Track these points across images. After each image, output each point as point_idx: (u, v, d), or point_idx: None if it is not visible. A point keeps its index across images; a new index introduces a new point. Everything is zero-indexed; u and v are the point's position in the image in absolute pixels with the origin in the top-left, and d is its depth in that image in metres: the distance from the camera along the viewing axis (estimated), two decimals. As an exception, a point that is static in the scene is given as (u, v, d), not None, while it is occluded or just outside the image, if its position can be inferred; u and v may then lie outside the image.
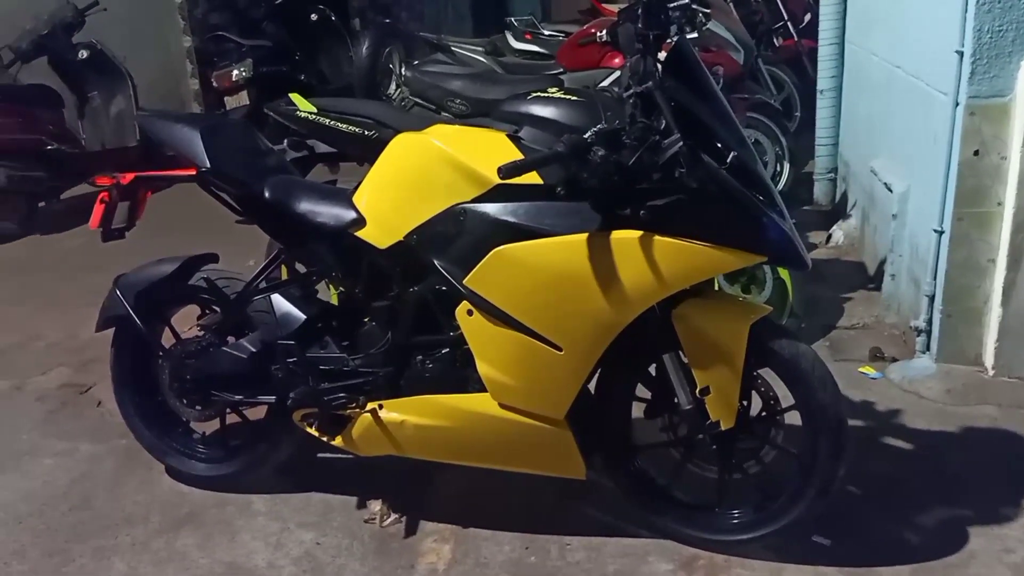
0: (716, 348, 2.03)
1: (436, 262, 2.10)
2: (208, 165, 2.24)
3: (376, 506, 2.43)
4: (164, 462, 2.63)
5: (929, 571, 2.11)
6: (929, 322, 2.93)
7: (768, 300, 3.12)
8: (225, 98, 6.80)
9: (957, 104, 2.68)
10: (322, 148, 3.35)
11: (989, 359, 2.84)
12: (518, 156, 2.02)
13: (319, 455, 2.65)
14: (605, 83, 4.29)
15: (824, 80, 4.50)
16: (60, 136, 5.52)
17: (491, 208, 2.04)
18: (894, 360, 3.05)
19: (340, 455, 2.43)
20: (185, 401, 2.48)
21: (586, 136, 1.91)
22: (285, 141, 3.30)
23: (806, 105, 5.47)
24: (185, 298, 2.52)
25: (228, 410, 2.52)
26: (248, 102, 6.68)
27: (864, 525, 2.26)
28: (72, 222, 5.19)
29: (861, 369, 3.02)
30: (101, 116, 5.82)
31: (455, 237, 2.07)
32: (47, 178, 5.38)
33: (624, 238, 1.93)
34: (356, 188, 2.27)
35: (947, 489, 2.39)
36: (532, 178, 1.96)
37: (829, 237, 4.11)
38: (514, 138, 2.11)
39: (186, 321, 2.55)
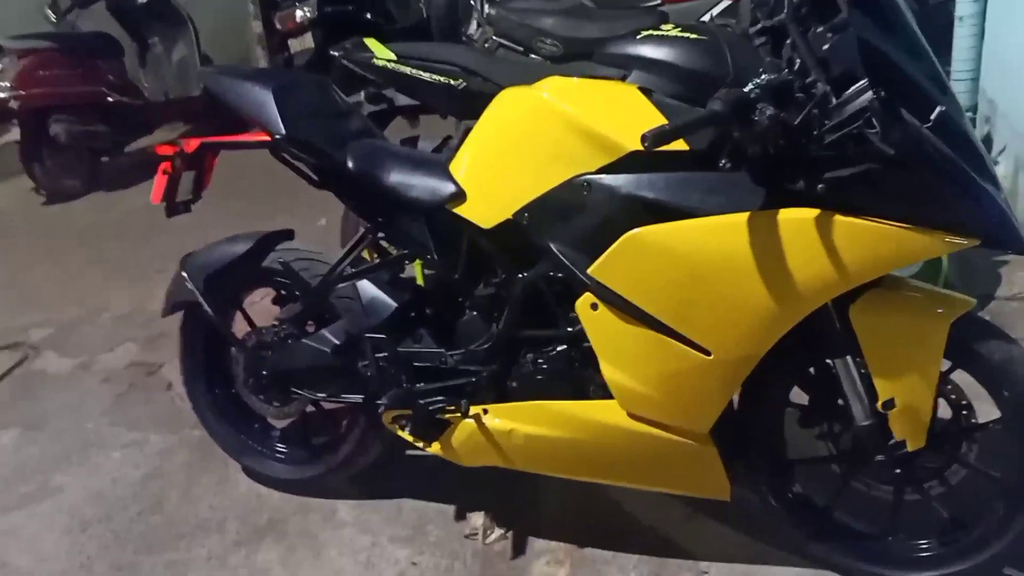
0: (907, 353, 1.64)
1: (553, 246, 1.74)
2: (283, 131, 1.90)
3: (478, 519, 2.13)
4: (240, 462, 2.37)
5: None
6: (1124, 298, 2.46)
7: (920, 270, 2.68)
8: (289, 41, 6.44)
9: None
10: (402, 100, 3.01)
11: None
12: (654, 114, 1.65)
13: (409, 452, 2.35)
14: (708, 16, 3.81)
15: (964, 5, 3.92)
16: (121, 87, 5.27)
17: (623, 181, 1.65)
18: (1073, 340, 2.60)
19: (434, 458, 2.12)
20: (262, 397, 2.20)
21: (747, 89, 1.51)
22: (362, 93, 2.96)
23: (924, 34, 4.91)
24: (260, 281, 2.22)
25: (310, 407, 2.23)
26: (313, 45, 6.36)
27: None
28: (137, 177, 4.97)
29: (1034, 351, 2.57)
30: (163, 65, 5.56)
31: (577, 216, 1.71)
32: (109, 132, 5.15)
33: (796, 218, 1.54)
34: (453, 155, 1.91)
35: None
36: (675, 143, 1.56)
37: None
38: (646, 91, 1.72)
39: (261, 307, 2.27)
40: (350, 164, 1.91)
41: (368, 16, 6.58)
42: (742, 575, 1.94)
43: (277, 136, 1.90)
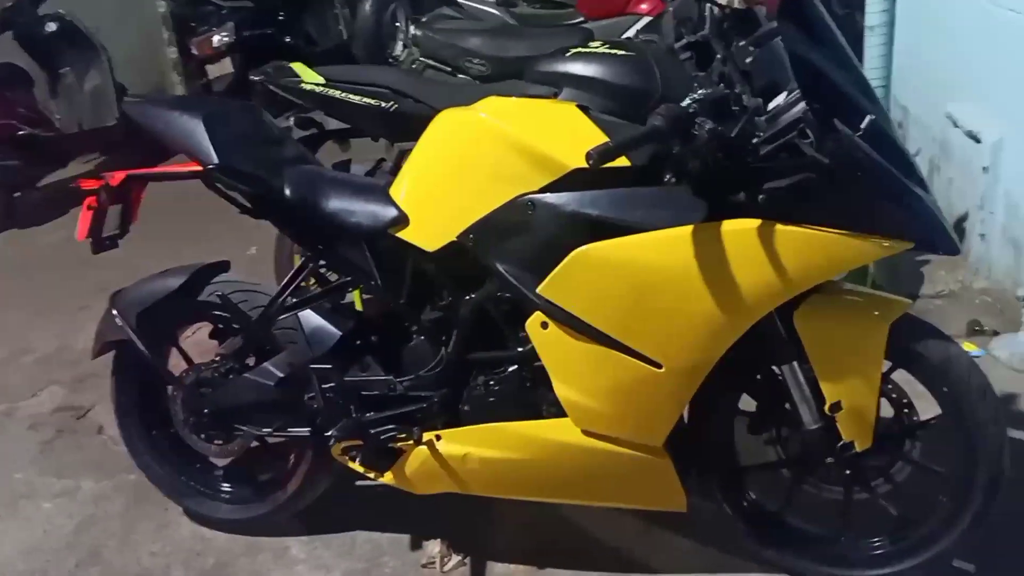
0: (850, 355, 1.68)
1: (500, 266, 1.73)
2: (216, 161, 1.84)
3: (435, 547, 2.09)
4: (181, 504, 2.28)
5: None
6: (1041, 291, 2.58)
7: (847, 273, 2.76)
8: (207, 67, 6.32)
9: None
10: (332, 124, 2.96)
11: (1111, 331, 2.50)
12: (594, 131, 1.66)
13: (359, 483, 2.30)
14: (630, 32, 3.87)
15: (873, 15, 4.04)
16: (32, 119, 5.04)
17: (567, 199, 1.66)
18: (996, 334, 2.71)
19: (386, 486, 2.08)
20: (203, 436, 2.12)
21: (685, 104, 1.53)
22: (291, 118, 2.90)
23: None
24: (196, 316, 2.15)
25: (254, 443, 2.16)
26: (233, 70, 6.23)
27: (1007, 544, 1.93)
28: (54, 212, 4.77)
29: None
30: (76, 94, 5.34)
31: (523, 236, 1.70)
32: (22, 166, 4.92)
33: (738, 229, 1.56)
34: (392, 179, 1.88)
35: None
36: (617, 160, 1.57)
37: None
38: (584, 108, 1.73)
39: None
40: (287, 191, 1.87)
41: (288, 39, 6.51)
42: (699, 584, 1.95)
43: (210, 166, 1.84)
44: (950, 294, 3.00)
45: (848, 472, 1.80)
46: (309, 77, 2.84)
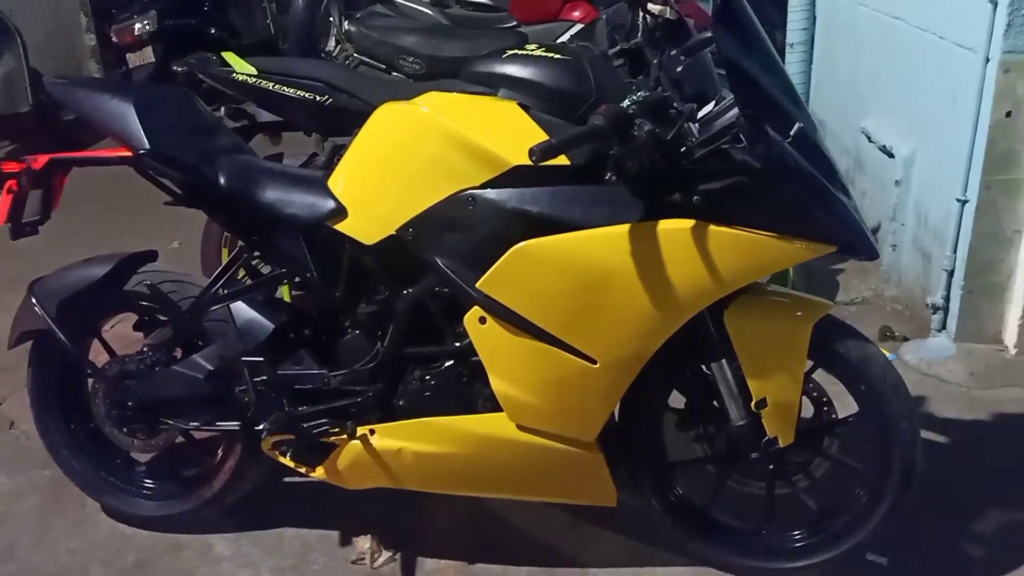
0: (776, 354, 1.74)
1: (439, 261, 1.74)
2: (148, 146, 1.80)
3: (364, 543, 2.07)
4: (101, 501, 2.20)
5: (1003, 589, 1.90)
6: (947, 298, 2.72)
7: (769, 277, 2.86)
8: (127, 55, 6.10)
9: (988, 60, 2.43)
10: (264, 116, 2.91)
11: (1011, 337, 2.65)
12: (534, 129, 1.68)
13: (287, 479, 2.27)
14: (564, 38, 3.93)
15: (794, 33, 4.23)
16: (-60, 104, 4.82)
17: (507, 195, 1.68)
18: (906, 339, 2.84)
19: (314, 482, 2.05)
20: (125, 430, 2.06)
21: (626, 105, 1.57)
22: (222, 109, 2.85)
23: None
24: (121, 306, 2.08)
25: (180, 438, 2.11)
26: (154, 59, 6.05)
27: (917, 537, 2.03)
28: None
29: (873, 350, 2.79)
30: (-14, 78, 5.13)
31: (462, 231, 1.71)
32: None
33: (673, 229, 1.61)
34: (330, 171, 1.87)
35: (994, 487, 2.20)
36: (558, 158, 1.60)
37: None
38: (525, 107, 1.76)
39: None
40: (222, 180, 1.84)
41: (212, 31, 6.34)
42: (627, 576, 1.99)
43: (140, 151, 1.79)
44: (863, 301, 3.14)
45: (771, 467, 1.86)
46: (241, 67, 2.79)
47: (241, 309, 1.93)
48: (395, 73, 3.58)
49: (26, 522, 2.23)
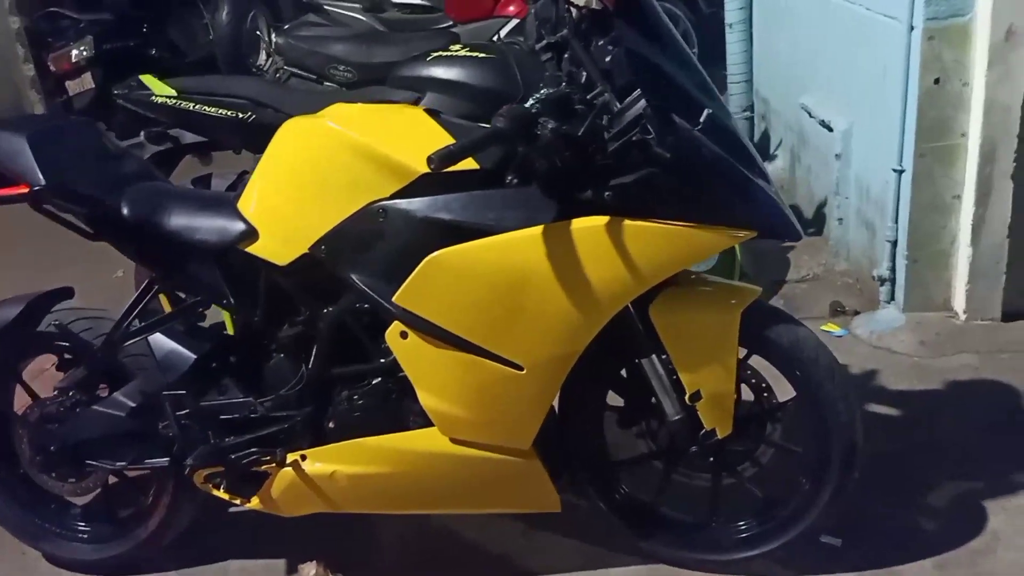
0: (706, 345, 1.70)
1: (354, 277, 1.68)
2: (42, 181, 1.73)
3: (310, 570, 2.01)
4: (38, 549, 2.13)
5: (956, 563, 1.87)
6: (892, 269, 2.70)
7: (716, 263, 2.83)
8: (66, 83, 6.00)
9: (912, 28, 2.40)
10: (189, 138, 2.84)
11: (960, 303, 2.63)
12: (441, 135, 1.64)
13: (231, 510, 2.20)
14: (503, 32, 3.88)
15: (732, 13, 4.20)
16: None
17: (417, 204, 1.63)
18: (856, 313, 2.82)
19: (257, 512, 2.00)
20: (54, 474, 1.99)
21: (528, 105, 1.53)
22: (142, 133, 2.77)
23: (700, 42, 5.26)
24: (37, 348, 2.01)
25: (112, 478, 2.04)
26: (93, 85, 5.94)
27: (870, 515, 2.01)
28: None
29: (824, 327, 2.77)
30: (-82, 116, 5.01)
31: (375, 244, 1.66)
32: None
33: (587, 227, 1.56)
34: (240, 192, 1.81)
35: (948, 460, 2.17)
36: (466, 163, 1.55)
37: (757, 182, 3.85)
38: (433, 112, 1.71)
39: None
40: (125, 210, 1.77)
41: (152, 52, 6.25)
42: (582, 582, 1.95)
43: (35, 187, 1.73)
44: (814, 277, 3.11)
45: (714, 459, 1.83)
46: (160, 90, 2.72)
47: (160, 341, 1.87)
48: (327, 83, 3.52)
49: (-38, 575, 2.16)
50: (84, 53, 5.79)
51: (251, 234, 1.74)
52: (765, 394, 1.83)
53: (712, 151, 1.56)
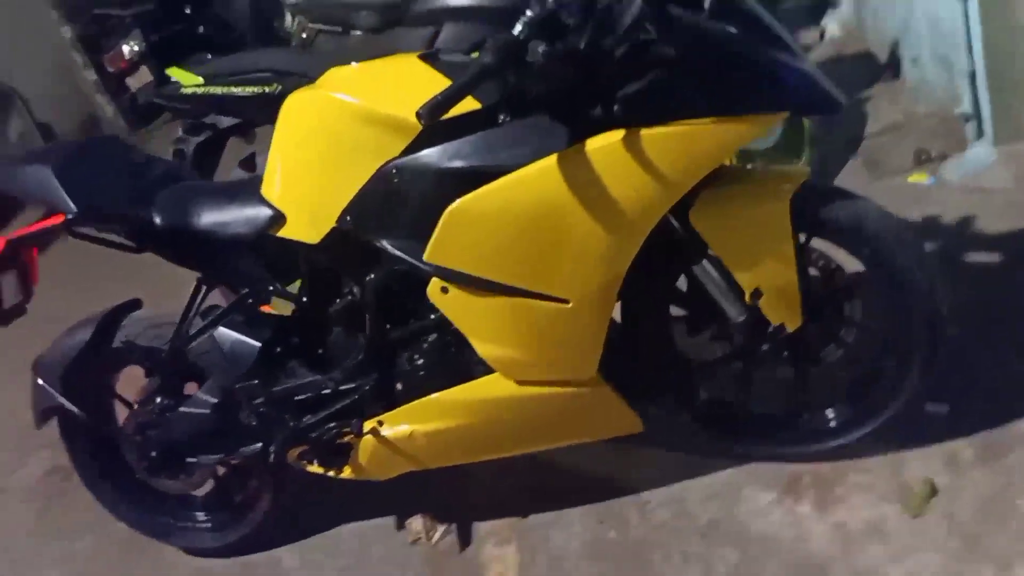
0: (756, 240, 1.60)
1: (384, 242, 1.66)
2: (74, 208, 1.77)
3: (418, 523, 2.07)
4: (170, 543, 2.28)
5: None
6: (976, 104, 2.45)
7: (781, 136, 2.65)
8: (126, 80, 6.15)
9: None
10: (226, 121, 2.85)
11: (1056, 125, 2.38)
12: (437, 79, 1.56)
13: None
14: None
15: None
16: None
17: (427, 157, 1.57)
18: (944, 157, 2.60)
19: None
20: (164, 476, 2.10)
21: (516, 32, 1.43)
22: (180, 128, 2.81)
23: None
24: (119, 362, 2.10)
25: (218, 468, 2.14)
26: (152, 78, 6.04)
27: (977, 377, 1.87)
28: None
29: (910, 179, 2.57)
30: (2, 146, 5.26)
31: (396, 205, 1.62)
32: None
33: (602, 146, 1.48)
34: (260, 176, 1.80)
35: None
36: (466, 104, 1.48)
37: (823, 33, 3.56)
38: (428, 57, 1.63)
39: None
40: (157, 219, 1.79)
41: (201, 30, 6.28)
42: (682, 493, 1.93)
43: (69, 216, 1.77)
44: (895, 126, 2.87)
45: (793, 351, 1.75)
46: (188, 80, 2.73)
47: (225, 335, 1.90)
48: (355, 32, 3.44)
49: (112, 574, 2.33)
50: (135, 48, 5.88)
51: (279, 219, 1.73)
52: (835, 273, 1.72)
53: (722, 36, 1.44)
